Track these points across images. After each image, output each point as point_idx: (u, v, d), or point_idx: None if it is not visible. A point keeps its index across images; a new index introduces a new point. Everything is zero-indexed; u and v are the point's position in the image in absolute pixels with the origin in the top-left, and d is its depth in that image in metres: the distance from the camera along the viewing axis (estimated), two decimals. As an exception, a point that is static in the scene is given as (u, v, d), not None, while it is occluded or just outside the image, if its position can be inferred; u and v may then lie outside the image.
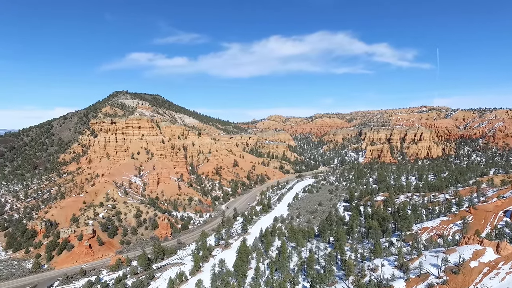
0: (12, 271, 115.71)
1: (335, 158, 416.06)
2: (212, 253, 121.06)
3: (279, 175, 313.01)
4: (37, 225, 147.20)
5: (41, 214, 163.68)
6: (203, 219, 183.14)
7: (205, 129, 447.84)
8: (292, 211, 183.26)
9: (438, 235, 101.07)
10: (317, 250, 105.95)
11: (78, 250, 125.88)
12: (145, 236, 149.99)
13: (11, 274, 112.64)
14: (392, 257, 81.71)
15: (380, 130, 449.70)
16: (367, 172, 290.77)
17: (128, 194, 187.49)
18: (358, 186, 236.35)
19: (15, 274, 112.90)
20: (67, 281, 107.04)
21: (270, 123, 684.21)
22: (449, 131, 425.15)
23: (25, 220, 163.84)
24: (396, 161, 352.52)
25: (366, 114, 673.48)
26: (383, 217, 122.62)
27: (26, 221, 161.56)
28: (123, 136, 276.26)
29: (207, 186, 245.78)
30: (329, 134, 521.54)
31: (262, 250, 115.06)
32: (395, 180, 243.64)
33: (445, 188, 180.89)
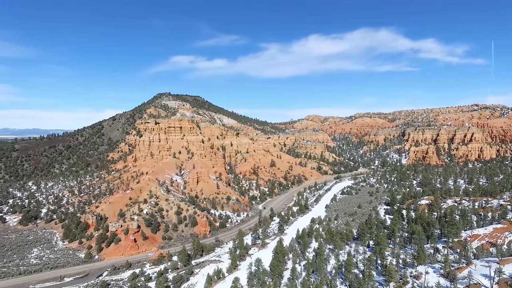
0: (68, 259, 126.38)
1: (376, 159, 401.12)
2: (248, 252, 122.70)
3: (317, 176, 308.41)
4: (89, 218, 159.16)
5: (93, 209, 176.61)
6: (240, 218, 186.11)
7: (243, 129, 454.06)
8: (330, 212, 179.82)
9: (490, 243, 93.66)
10: (356, 253, 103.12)
11: (124, 243, 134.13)
12: (185, 232, 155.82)
13: (67, 262, 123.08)
14: (437, 264, 77.44)
15: (426, 130, 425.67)
16: (410, 174, 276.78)
17: (170, 192, 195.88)
18: (401, 188, 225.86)
19: (71, 263, 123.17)
20: (114, 272, 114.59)
21: (308, 123, 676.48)
22: (504, 131, 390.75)
23: (79, 213, 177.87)
24: (443, 163, 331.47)
25: (410, 113, 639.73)
26: (427, 222, 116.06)
27: (79, 214, 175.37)
28: (166, 136, 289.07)
29: (244, 186, 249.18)
30: (369, 135, 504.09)
31: (299, 251, 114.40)
32: (442, 183, 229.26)
33: (499, 193, 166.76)
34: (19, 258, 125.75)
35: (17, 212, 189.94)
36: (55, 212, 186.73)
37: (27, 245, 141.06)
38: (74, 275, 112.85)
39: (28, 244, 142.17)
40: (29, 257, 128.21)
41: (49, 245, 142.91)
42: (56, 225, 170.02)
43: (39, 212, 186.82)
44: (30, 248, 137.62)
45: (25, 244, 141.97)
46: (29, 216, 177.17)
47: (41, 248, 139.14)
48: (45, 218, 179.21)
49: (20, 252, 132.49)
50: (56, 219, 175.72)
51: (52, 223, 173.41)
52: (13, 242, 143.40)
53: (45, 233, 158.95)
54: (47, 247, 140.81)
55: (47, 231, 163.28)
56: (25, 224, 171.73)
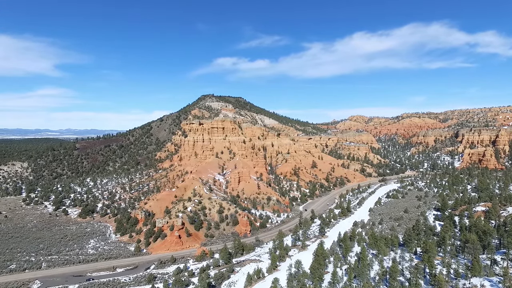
0: (120, 251, 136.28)
1: (424, 161, 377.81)
2: (288, 253, 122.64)
3: (360, 178, 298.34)
4: (138, 214, 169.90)
5: (142, 205, 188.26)
6: (280, 218, 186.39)
7: (284, 130, 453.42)
8: (374, 216, 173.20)
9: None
10: (401, 260, 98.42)
11: (169, 239, 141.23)
12: (226, 231, 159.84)
13: (119, 254, 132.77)
14: (495, 277, 71.70)
15: (482, 131, 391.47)
16: (464, 178, 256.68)
17: (212, 191, 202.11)
18: (453, 193, 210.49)
19: (122, 255, 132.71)
20: (160, 265, 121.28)
21: (351, 123, 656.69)
22: None
23: (130, 209, 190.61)
24: (503, 167, 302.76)
25: (465, 113, 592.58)
26: (484, 230, 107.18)
27: (130, 210, 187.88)
28: (209, 136, 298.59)
29: (285, 187, 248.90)
30: (418, 136, 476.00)
31: (340, 255, 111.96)
32: (501, 188, 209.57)
33: None
34: (78, 248, 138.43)
35: (77, 205, 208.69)
36: (109, 207, 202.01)
37: (85, 236, 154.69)
38: (125, 266, 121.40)
39: (86, 236, 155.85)
40: (87, 247, 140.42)
41: (104, 237, 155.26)
42: (109, 219, 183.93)
43: (95, 207, 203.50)
44: (88, 239, 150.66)
45: (84, 235, 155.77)
46: (87, 209, 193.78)
47: (97, 239, 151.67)
48: (101, 212, 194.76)
49: (79, 242, 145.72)
50: (109, 213, 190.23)
51: (106, 217, 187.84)
52: (74, 233, 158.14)
53: (100, 226, 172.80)
54: (102, 239, 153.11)
55: (102, 224, 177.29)
56: (83, 217, 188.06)
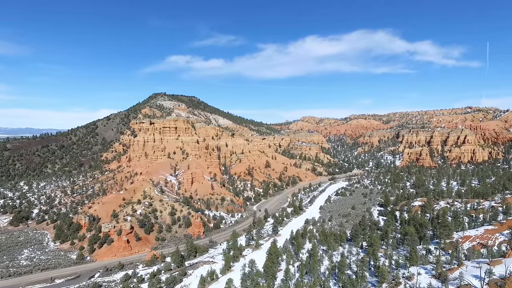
0: (59, 260, 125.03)
1: (370, 160, 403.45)
2: (242, 253, 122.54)
3: (312, 177, 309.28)
4: (81, 219, 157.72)
5: (85, 209, 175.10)
6: (234, 219, 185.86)
7: (238, 130, 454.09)
8: (324, 214, 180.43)
9: (481, 244, 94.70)
10: (349, 254, 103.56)
11: (117, 244, 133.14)
12: (178, 233, 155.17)
13: (58, 264, 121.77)
14: (429, 265, 78.03)
15: (420, 132, 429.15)
16: (404, 176, 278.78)
17: (164, 193, 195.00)
18: (394, 190, 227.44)
19: (62, 264, 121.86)
20: (106, 273, 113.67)
21: (303, 124, 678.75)
22: (497, 134, 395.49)
23: (71, 214, 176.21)
24: (437, 165, 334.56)
25: (405, 115, 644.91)
26: (420, 223, 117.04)
27: (72, 215, 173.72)
28: (161, 136, 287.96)
29: (239, 187, 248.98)
30: (364, 136, 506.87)
31: (293, 252, 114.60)
32: (435, 185, 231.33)
33: (491, 195, 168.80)
34: (8, 260, 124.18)
35: (8, 212, 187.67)
36: (47, 212, 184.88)
37: (17, 246, 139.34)
38: (65, 277, 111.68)
39: (18, 245, 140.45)
40: (19, 258, 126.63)
41: (40, 246, 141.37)
42: (47, 225, 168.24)
43: (30, 213, 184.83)
44: (21, 249, 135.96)
45: (15, 245, 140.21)
46: (20, 216, 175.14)
47: (31, 249, 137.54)
48: (37, 218, 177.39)
49: (10, 254, 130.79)
50: (48, 220, 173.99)
51: (44, 224, 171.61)
52: (3, 243, 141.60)
53: (36, 234, 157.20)
54: (38, 248, 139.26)
55: (39, 232, 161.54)
56: (15, 224, 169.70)
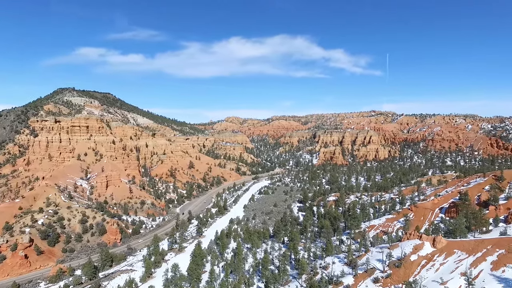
0: None
1: (290, 159, 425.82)
2: (165, 257, 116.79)
3: (236, 176, 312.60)
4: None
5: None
6: (156, 223, 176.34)
7: (159, 129, 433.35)
8: (248, 212, 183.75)
9: (383, 232, 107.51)
10: (272, 250, 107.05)
11: (11, 261, 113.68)
12: (91, 242, 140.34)
13: None
14: (342, 254, 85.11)
15: (333, 133, 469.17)
16: (320, 173, 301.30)
17: (73, 199, 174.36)
18: (312, 187, 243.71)
19: None
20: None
21: (227, 124, 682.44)
22: (394, 135, 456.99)
23: None
24: (347, 162, 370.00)
25: (321, 117, 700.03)
26: (334, 216, 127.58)
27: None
28: (69, 136, 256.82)
29: (160, 189, 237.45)
30: (285, 136, 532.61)
31: (217, 252, 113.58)
32: (346, 181, 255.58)
33: (390, 188, 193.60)
34: None
35: None
36: None
37: None
38: None
39: None
40: None
41: None
42: None
43: None
44: None
45: None
46: None
47: None
48: None
49: None
50: None
51: None
52: None
53: None
54: None
55: None
56: None
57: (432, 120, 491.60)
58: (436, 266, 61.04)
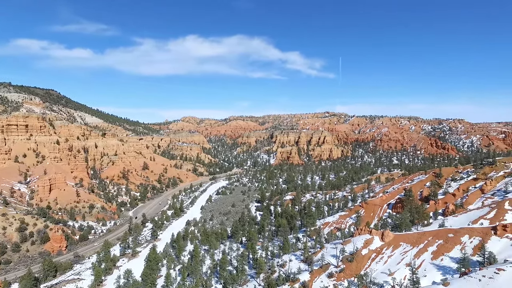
0: None
1: (248, 160, 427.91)
2: (116, 264, 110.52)
3: (193, 177, 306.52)
4: None
5: None
6: (106, 227, 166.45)
7: (110, 129, 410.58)
8: (206, 213, 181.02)
9: (337, 228, 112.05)
10: (230, 251, 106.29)
11: None
12: (31, 252, 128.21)
13: None
14: (299, 252, 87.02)
15: (290, 133, 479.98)
16: (277, 173, 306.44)
17: (9, 205, 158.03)
18: (269, 186, 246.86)
19: None
20: None
21: (184, 124, 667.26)
22: (347, 135, 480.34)
23: None
24: (303, 162, 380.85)
25: (278, 117, 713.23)
26: (291, 215, 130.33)
27: None
28: (4, 136, 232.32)
29: (112, 192, 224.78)
30: (243, 137, 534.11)
31: (174, 256, 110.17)
32: (302, 180, 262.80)
33: (343, 186, 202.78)
34: None
35: None
36: None
37: None
38: None
39: None
40: None
41: None
42: None
43: None
44: None
45: None
46: None
47: None
48: None
49: None
50: None
51: None
52: None
53: None
54: None
55: None
56: None
57: (380, 121, 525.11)
58: (384, 259, 64.83)
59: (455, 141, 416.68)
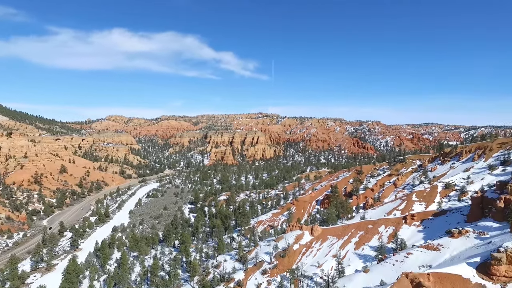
0: None
1: (181, 160, 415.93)
2: (26, 281, 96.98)
3: (120, 180, 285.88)
4: None
5: None
6: (13, 240, 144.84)
7: (19, 128, 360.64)
8: (135, 218, 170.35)
9: (270, 226, 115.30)
10: (162, 255, 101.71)
11: None
12: None
13: None
14: (233, 251, 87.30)
15: (224, 133, 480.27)
16: (211, 173, 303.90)
17: None
18: (203, 187, 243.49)
19: None
20: None
21: (109, 123, 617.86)
22: (279, 135, 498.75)
23: None
24: (237, 162, 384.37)
25: (211, 117, 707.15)
26: (225, 215, 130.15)
27: None
28: None
29: (20, 199, 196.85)
30: (175, 137, 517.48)
31: (98, 265, 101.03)
32: (236, 180, 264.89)
33: (275, 184, 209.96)
34: None
35: None
36: None
37: None
38: None
39: None
40: None
41: None
42: None
43: None
44: None
45: None
46: None
47: None
48: None
49: None
50: None
51: None
52: None
53: None
54: None
55: None
56: None
57: (309, 122, 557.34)
58: (314, 252, 68.59)
59: (373, 141, 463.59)
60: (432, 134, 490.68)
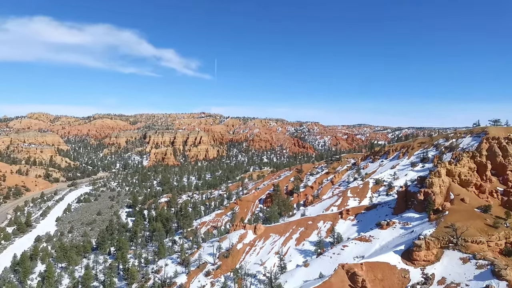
0: None
1: (117, 162, 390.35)
2: None
3: (44, 185, 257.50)
4: None
5: None
6: None
7: None
8: (63, 225, 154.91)
9: (214, 227, 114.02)
10: (96, 264, 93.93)
11: None
12: None
13: None
14: (175, 255, 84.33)
15: (165, 133, 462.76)
16: (151, 175, 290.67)
17: None
18: (142, 190, 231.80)
19: None
20: None
21: (31, 121, 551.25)
22: (222, 135, 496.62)
23: None
24: (179, 163, 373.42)
25: (151, 117, 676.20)
26: (166, 217, 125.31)
27: None
28: None
29: None
30: (110, 137, 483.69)
31: (16, 282, 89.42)
32: (178, 181, 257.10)
33: (219, 185, 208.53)
34: None
35: None
36: None
37: None
38: None
39: None
40: None
41: None
42: None
43: None
44: None
45: None
46: None
47: None
48: None
49: None
50: None
51: None
52: None
53: None
54: None
55: None
56: None
57: (252, 122, 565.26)
58: (257, 251, 69.46)
59: (312, 141, 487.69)
60: (364, 134, 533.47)
